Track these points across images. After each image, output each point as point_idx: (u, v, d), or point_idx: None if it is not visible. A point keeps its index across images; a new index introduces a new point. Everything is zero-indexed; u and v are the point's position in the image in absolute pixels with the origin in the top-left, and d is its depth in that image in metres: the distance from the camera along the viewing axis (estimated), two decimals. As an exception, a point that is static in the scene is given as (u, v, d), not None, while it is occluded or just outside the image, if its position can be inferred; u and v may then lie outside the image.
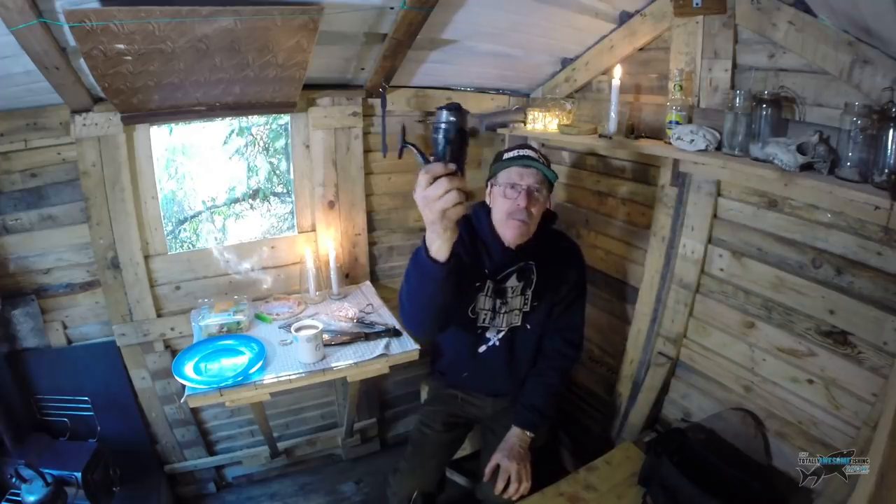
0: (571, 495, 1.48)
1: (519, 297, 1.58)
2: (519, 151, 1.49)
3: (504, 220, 1.47)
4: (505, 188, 1.46)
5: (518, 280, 1.57)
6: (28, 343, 1.77)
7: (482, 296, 1.56)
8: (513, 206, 1.44)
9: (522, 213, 1.43)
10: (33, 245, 1.75)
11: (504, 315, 1.58)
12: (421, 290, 1.15)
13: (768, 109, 1.38)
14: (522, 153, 1.48)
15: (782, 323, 1.48)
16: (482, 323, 1.59)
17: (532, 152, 1.49)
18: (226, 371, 1.55)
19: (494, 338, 1.61)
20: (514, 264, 1.55)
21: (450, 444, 1.71)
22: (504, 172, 1.47)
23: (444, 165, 0.88)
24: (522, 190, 1.43)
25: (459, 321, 1.57)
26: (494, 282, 1.55)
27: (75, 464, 1.59)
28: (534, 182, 1.44)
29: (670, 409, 1.85)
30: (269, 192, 2.89)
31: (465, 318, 1.57)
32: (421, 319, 1.30)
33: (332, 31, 1.60)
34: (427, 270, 1.04)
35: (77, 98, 1.58)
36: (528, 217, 1.44)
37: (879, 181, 1.14)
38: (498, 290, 1.56)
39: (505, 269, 1.55)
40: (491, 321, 1.59)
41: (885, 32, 1.12)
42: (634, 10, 1.76)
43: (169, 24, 1.31)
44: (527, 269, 1.57)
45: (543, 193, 1.47)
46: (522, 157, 1.46)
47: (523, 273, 1.56)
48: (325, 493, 2.17)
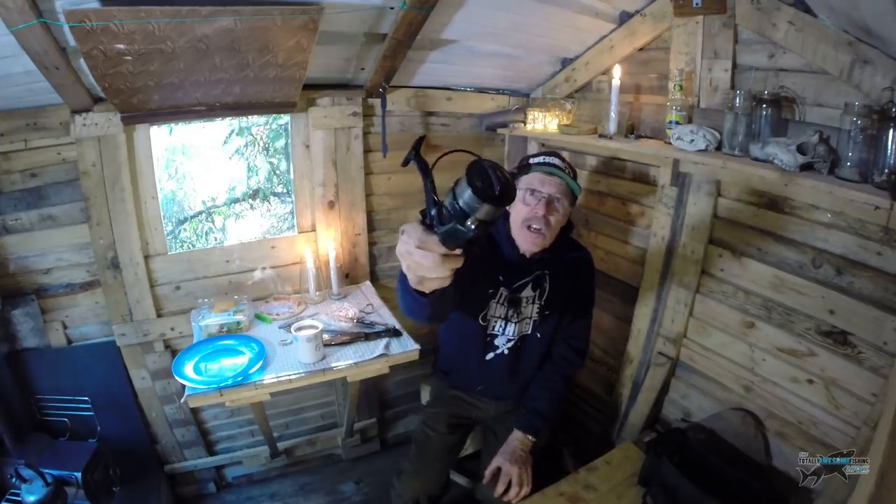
0: (571, 495, 1.48)
1: (531, 306, 1.57)
2: (545, 158, 1.46)
3: (520, 228, 1.43)
4: (525, 193, 1.42)
5: (533, 290, 1.55)
6: (28, 343, 1.77)
7: (494, 303, 1.53)
8: (530, 214, 1.40)
9: (540, 221, 1.40)
10: (33, 245, 1.75)
11: (516, 324, 1.56)
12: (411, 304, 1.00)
13: (768, 109, 1.38)
14: (548, 160, 1.45)
15: (782, 323, 1.48)
16: (492, 331, 1.57)
17: (559, 161, 1.46)
18: (226, 371, 1.55)
19: (504, 346, 1.59)
20: (531, 274, 1.52)
21: (453, 445, 1.72)
22: (526, 177, 1.43)
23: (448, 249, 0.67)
24: (543, 198, 1.40)
25: (468, 327, 1.55)
26: (509, 290, 1.53)
27: (75, 464, 1.59)
28: (556, 191, 1.40)
29: (670, 409, 1.85)
30: (269, 192, 2.89)
31: (475, 324, 1.54)
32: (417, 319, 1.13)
33: (332, 31, 1.60)
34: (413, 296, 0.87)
35: (77, 98, 1.58)
36: (546, 227, 1.40)
37: (879, 181, 1.14)
38: (512, 300, 1.53)
39: (521, 279, 1.52)
40: (502, 330, 1.57)
41: (885, 32, 1.12)
42: (634, 10, 1.76)
43: (169, 24, 1.31)
44: (541, 279, 1.55)
45: (564, 205, 1.43)
46: (547, 164, 1.43)
47: (538, 283, 1.54)
48: (325, 493, 2.17)
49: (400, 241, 0.71)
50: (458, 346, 1.66)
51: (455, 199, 0.64)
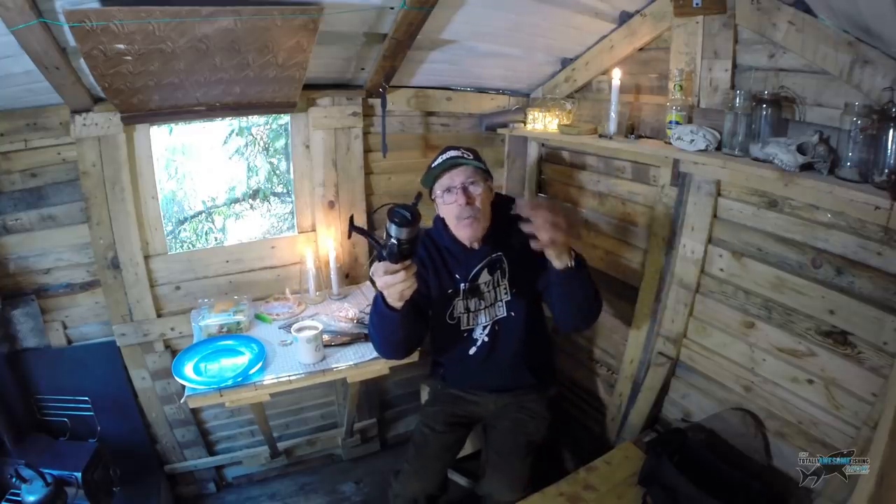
0: (571, 495, 1.48)
1: (496, 289, 1.59)
2: (442, 156, 1.52)
3: (456, 224, 1.50)
4: (443, 195, 1.49)
5: (490, 274, 1.58)
6: (28, 343, 1.77)
7: (458, 300, 1.58)
8: (457, 209, 1.47)
9: (467, 210, 1.46)
10: (33, 245, 1.75)
11: (484, 311, 1.60)
12: (383, 328, 1.36)
13: (768, 109, 1.38)
14: (445, 156, 1.50)
15: (782, 323, 1.48)
16: (465, 326, 1.60)
17: (455, 151, 1.51)
18: (226, 371, 1.55)
19: (481, 336, 1.61)
20: (481, 261, 1.57)
21: (452, 444, 1.71)
22: (437, 183, 1.50)
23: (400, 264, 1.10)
24: (457, 189, 1.46)
25: (444, 329, 1.60)
26: (467, 283, 1.57)
27: (75, 464, 1.59)
28: (465, 178, 1.46)
29: (670, 409, 1.85)
30: (269, 192, 2.89)
31: (446, 325, 1.59)
32: (387, 350, 1.49)
33: (332, 31, 1.60)
34: (386, 315, 1.28)
35: (77, 98, 1.58)
36: (474, 212, 1.47)
37: (879, 181, 1.14)
38: (472, 290, 1.58)
39: (474, 268, 1.57)
40: (473, 321, 1.60)
41: (886, 32, 1.12)
42: (634, 10, 1.76)
43: (169, 24, 1.31)
44: (496, 261, 1.57)
45: (481, 185, 1.48)
46: (445, 161, 1.48)
47: (494, 266, 1.58)
48: (325, 493, 2.17)
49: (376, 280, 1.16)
50: (443, 349, 1.70)
51: (389, 235, 1.06)
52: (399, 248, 1.07)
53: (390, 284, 1.14)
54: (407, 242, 1.07)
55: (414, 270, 1.14)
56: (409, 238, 1.07)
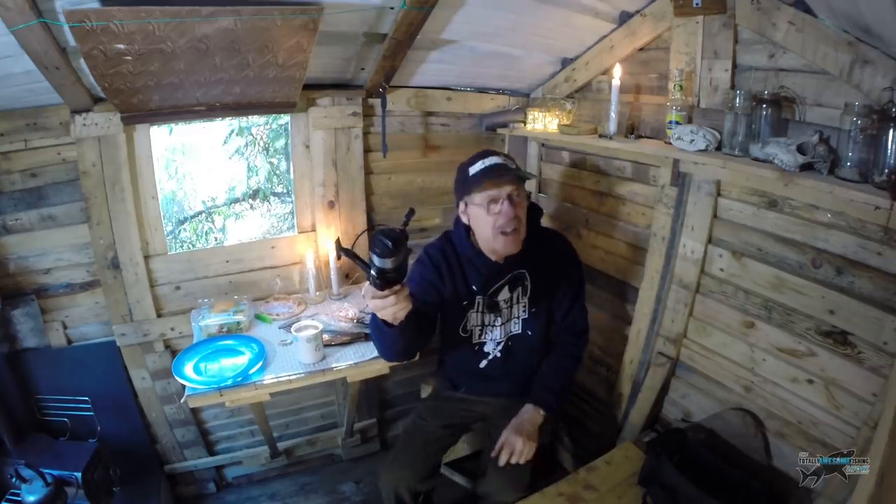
0: (571, 495, 1.48)
1: (515, 306, 1.57)
2: (484, 162, 1.41)
3: (494, 236, 1.42)
4: (488, 205, 1.40)
5: (510, 291, 1.56)
6: (28, 343, 1.77)
7: (473, 313, 1.56)
8: (502, 220, 1.39)
9: (513, 222, 1.39)
10: (33, 245, 1.75)
11: (500, 327, 1.58)
12: (381, 338, 1.34)
13: (768, 109, 1.38)
14: (489, 163, 1.41)
15: (782, 323, 1.48)
16: (478, 339, 1.59)
17: (497, 158, 1.43)
18: (226, 371, 1.55)
19: (494, 350, 1.61)
20: (504, 276, 1.53)
21: (442, 439, 1.68)
22: (478, 191, 1.40)
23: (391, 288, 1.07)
24: (505, 201, 1.39)
25: (455, 341, 1.58)
26: (486, 297, 1.54)
27: (75, 464, 1.59)
28: (512, 189, 1.39)
29: (670, 409, 1.85)
30: (269, 192, 2.89)
31: (457, 336, 1.57)
32: (388, 355, 1.48)
33: (332, 31, 1.60)
34: (383, 330, 1.25)
35: (77, 98, 1.58)
36: (518, 225, 1.42)
37: (879, 181, 1.14)
38: (490, 305, 1.55)
39: (495, 283, 1.54)
40: (487, 336, 1.59)
41: (886, 32, 1.12)
42: (634, 10, 1.76)
43: (169, 24, 1.31)
44: (519, 278, 1.55)
45: (522, 195, 1.43)
46: (490, 169, 1.40)
47: (516, 283, 1.55)
48: (325, 493, 2.17)
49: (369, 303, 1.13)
50: (452, 356, 1.68)
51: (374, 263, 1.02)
52: (384, 277, 1.03)
53: (380, 308, 1.11)
54: (392, 271, 1.02)
55: (406, 293, 1.10)
56: (394, 267, 1.01)
